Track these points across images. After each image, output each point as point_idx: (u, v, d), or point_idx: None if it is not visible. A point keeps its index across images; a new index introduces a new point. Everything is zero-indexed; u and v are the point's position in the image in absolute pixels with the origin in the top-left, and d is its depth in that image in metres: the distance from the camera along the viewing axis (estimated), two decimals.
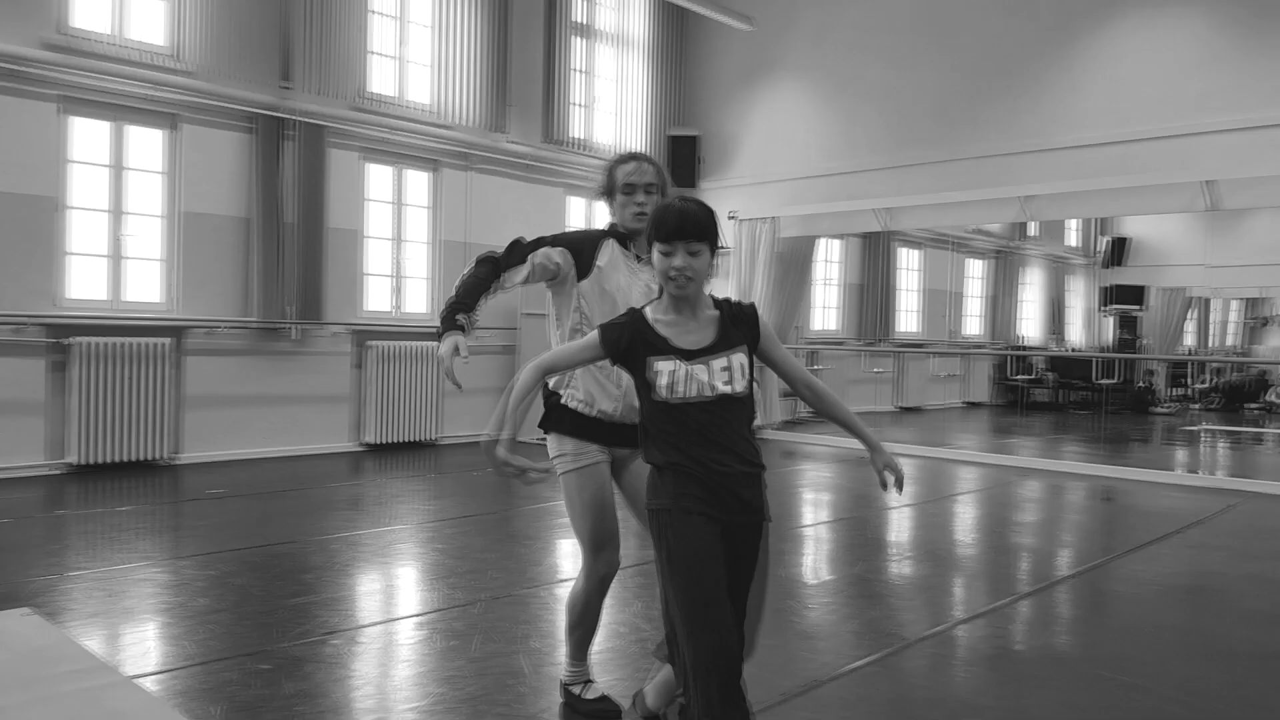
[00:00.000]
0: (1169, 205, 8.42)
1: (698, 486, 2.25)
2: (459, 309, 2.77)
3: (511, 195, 10.26)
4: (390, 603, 4.44)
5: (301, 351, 8.65)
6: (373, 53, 9.15)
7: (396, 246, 9.55)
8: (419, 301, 9.75)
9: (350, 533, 5.62)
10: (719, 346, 2.31)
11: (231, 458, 8.12)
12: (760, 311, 2.44)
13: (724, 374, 2.28)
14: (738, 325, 2.36)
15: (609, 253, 2.97)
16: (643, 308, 2.40)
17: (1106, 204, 9.34)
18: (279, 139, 8.31)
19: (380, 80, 9.23)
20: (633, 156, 2.98)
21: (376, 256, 9.41)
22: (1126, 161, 8.35)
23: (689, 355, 2.29)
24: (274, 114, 8.26)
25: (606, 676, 3.41)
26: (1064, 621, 4.44)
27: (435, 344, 2.76)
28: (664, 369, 2.28)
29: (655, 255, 2.31)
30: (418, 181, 9.69)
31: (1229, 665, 3.75)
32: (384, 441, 9.10)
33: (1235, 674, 3.65)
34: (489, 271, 2.87)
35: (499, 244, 3.06)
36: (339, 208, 8.83)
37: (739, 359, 2.31)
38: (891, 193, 9.79)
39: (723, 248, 2.45)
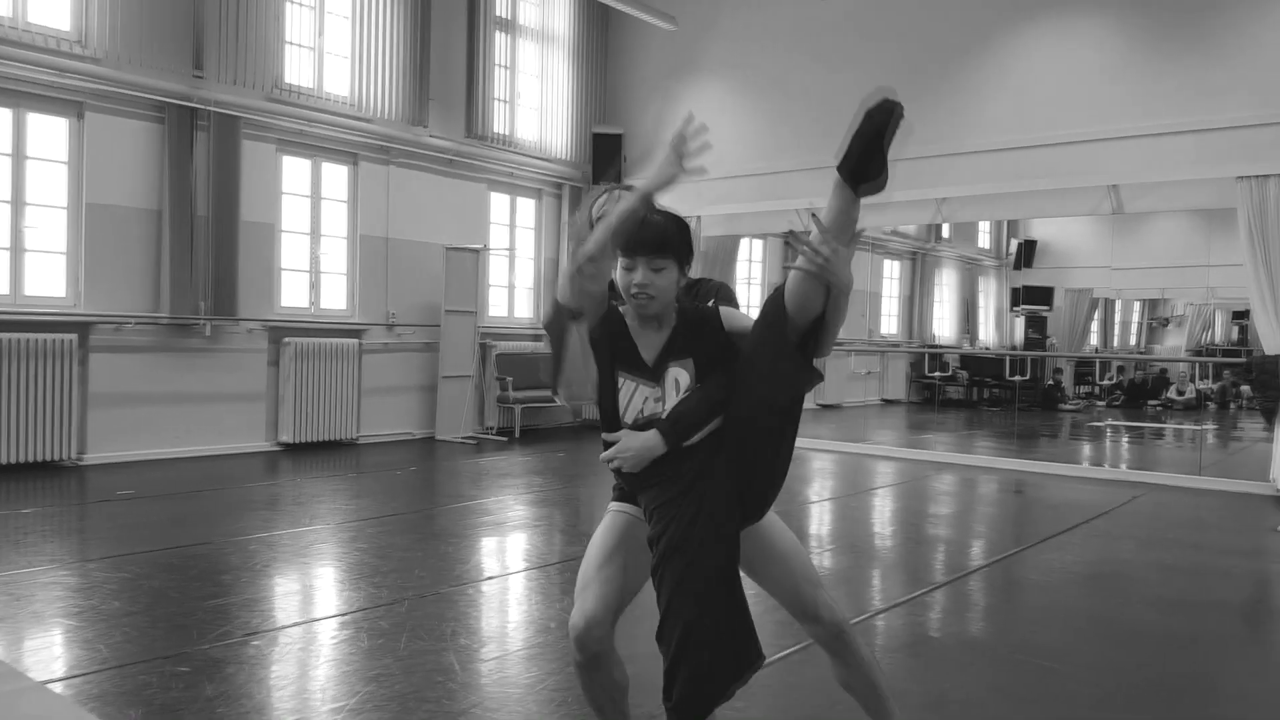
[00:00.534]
0: (1077, 208, 8.71)
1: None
2: None
3: (432, 190, 10.15)
4: (312, 602, 4.36)
5: (214, 348, 8.42)
6: (289, 43, 8.94)
7: (314, 241, 9.36)
8: (337, 298, 9.57)
9: (268, 533, 5.49)
10: (662, 361, 2.20)
11: (141, 458, 7.87)
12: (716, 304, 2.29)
13: (654, 390, 2.18)
14: (693, 336, 2.21)
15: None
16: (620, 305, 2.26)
17: (1017, 207, 9.62)
18: (191, 129, 8.07)
19: (297, 71, 9.03)
20: (608, 188, 2.54)
21: (293, 251, 9.21)
22: (1037, 165, 8.61)
23: (643, 372, 2.19)
24: (185, 103, 8.02)
25: (536, 670, 3.40)
26: (979, 609, 4.56)
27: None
28: (626, 388, 2.20)
29: (618, 269, 2.16)
30: (336, 175, 9.51)
31: (1136, 647, 3.90)
32: (301, 441, 8.91)
33: (1142, 655, 3.79)
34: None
35: (418, 239, 2.91)
36: (254, 201, 8.61)
37: (676, 374, 2.19)
38: (813, 193, 9.90)
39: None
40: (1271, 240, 7.21)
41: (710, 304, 2.40)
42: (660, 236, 2.12)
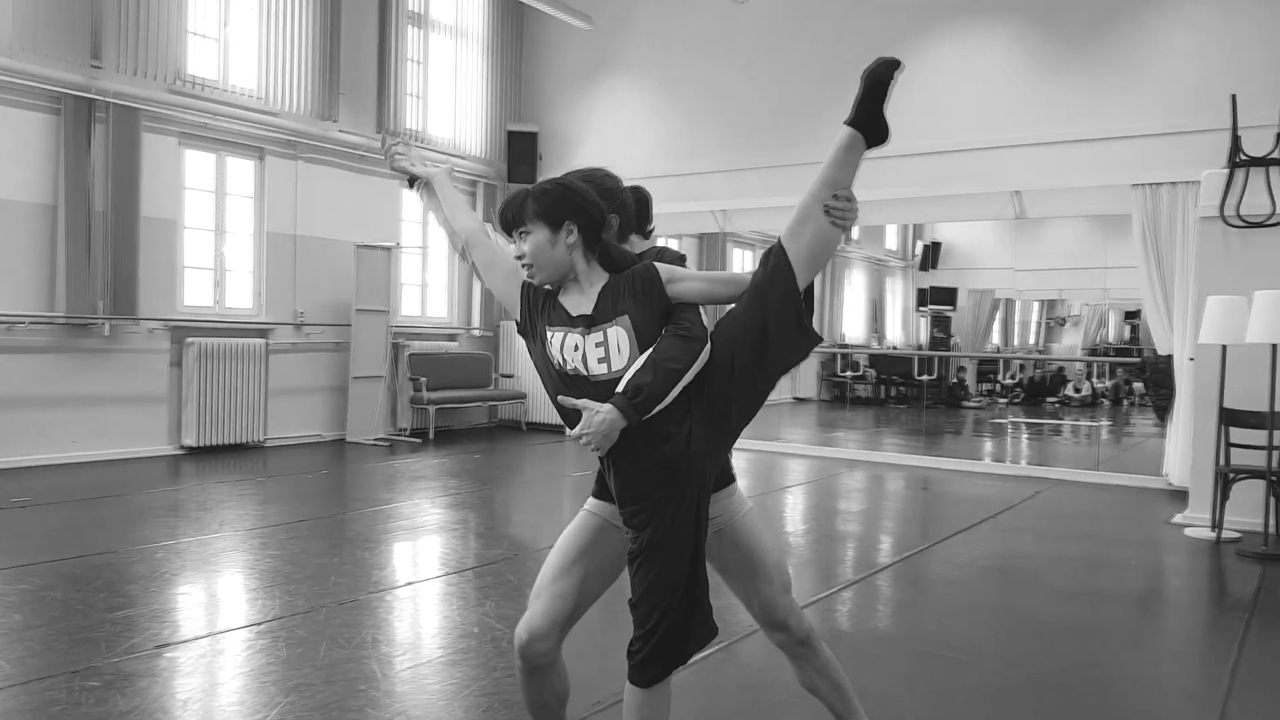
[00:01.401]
0: (981, 213, 8.98)
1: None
2: None
3: (342, 186, 9.95)
4: (226, 612, 4.24)
5: (113, 349, 8.13)
6: (192, 33, 8.68)
7: (218, 238, 9.10)
8: (242, 296, 9.32)
9: (175, 541, 5.33)
10: (596, 319, 2.16)
11: (36, 463, 7.55)
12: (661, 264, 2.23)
13: (598, 350, 2.13)
14: (626, 294, 2.16)
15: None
16: None
17: (926, 211, 9.86)
18: (88, 121, 7.78)
19: (200, 62, 8.77)
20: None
21: (196, 248, 8.95)
22: (944, 171, 8.85)
23: (570, 322, 2.18)
24: (83, 94, 7.72)
25: (460, 675, 3.38)
26: (892, 604, 4.67)
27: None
28: (555, 337, 2.19)
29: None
30: (241, 170, 9.26)
31: (1041, 637, 4.05)
32: (205, 444, 8.66)
33: (1047, 645, 3.94)
34: None
35: (328, 236, 2.95)
36: (155, 196, 8.33)
37: (616, 334, 2.13)
38: (728, 195, 10.03)
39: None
40: (1164, 245, 7.54)
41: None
42: (513, 209, 2.21)
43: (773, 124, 9.93)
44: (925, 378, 16.62)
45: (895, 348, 18.45)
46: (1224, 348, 5.92)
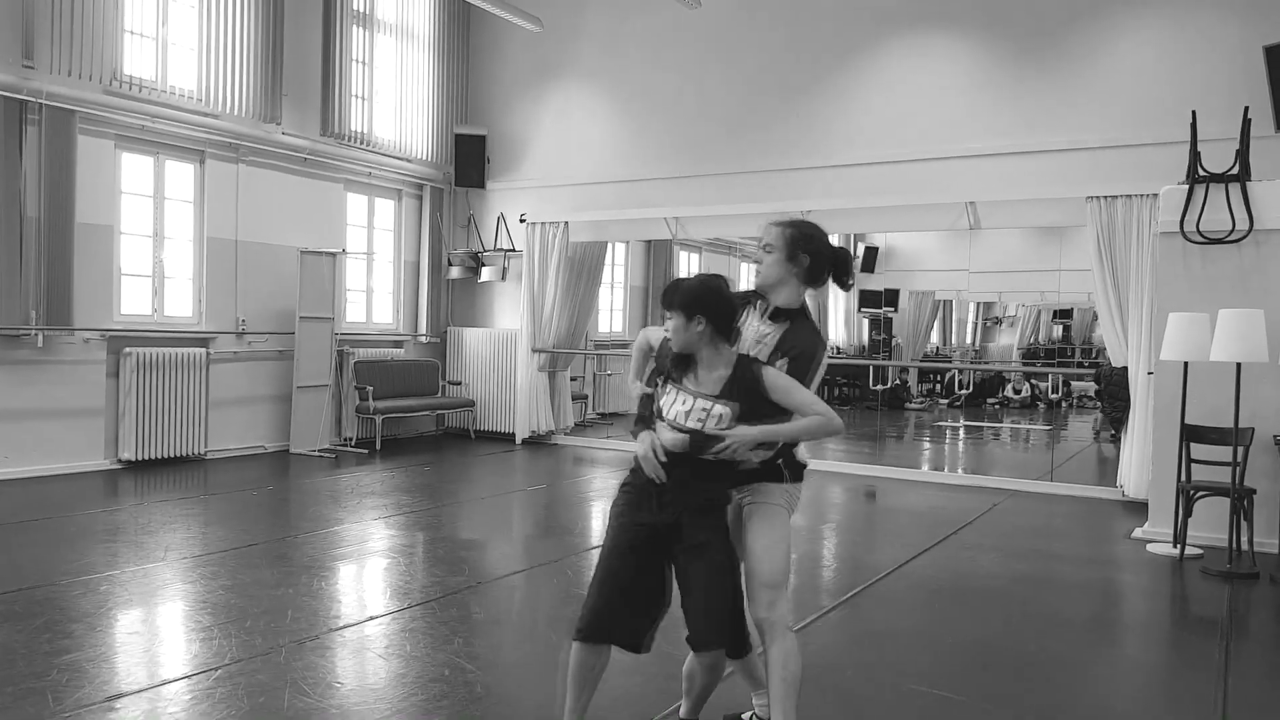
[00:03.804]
0: (936, 223, 8.99)
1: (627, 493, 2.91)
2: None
3: (286, 190, 9.65)
4: (180, 654, 4.01)
5: (47, 360, 7.78)
6: (129, 32, 8.33)
7: (156, 244, 8.76)
8: (182, 304, 8.99)
9: (119, 570, 5.07)
10: (711, 396, 2.75)
11: None
12: (762, 368, 2.77)
13: (701, 412, 2.74)
14: (739, 385, 2.74)
15: (745, 313, 3.00)
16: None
17: (879, 220, 9.85)
18: (20, 124, 7.42)
19: (138, 62, 8.42)
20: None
21: (134, 255, 8.60)
22: (899, 181, 8.87)
23: (687, 391, 2.79)
24: (14, 96, 7.36)
25: None
26: (869, 634, 4.55)
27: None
28: (670, 393, 2.83)
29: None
30: (181, 173, 8.93)
31: (1023, 671, 4.00)
32: (144, 458, 8.34)
33: (1030, 680, 3.90)
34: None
35: (271, 241, 2.82)
36: (90, 201, 7.99)
37: (720, 409, 2.73)
38: (680, 202, 9.94)
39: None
40: (1119, 258, 7.60)
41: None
42: (670, 296, 2.80)
43: (723, 132, 9.86)
44: (880, 387, 16.68)
45: (839, 349, 18.53)
46: (1185, 364, 5.97)
